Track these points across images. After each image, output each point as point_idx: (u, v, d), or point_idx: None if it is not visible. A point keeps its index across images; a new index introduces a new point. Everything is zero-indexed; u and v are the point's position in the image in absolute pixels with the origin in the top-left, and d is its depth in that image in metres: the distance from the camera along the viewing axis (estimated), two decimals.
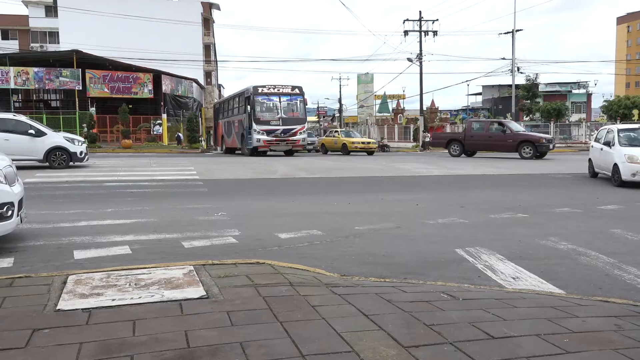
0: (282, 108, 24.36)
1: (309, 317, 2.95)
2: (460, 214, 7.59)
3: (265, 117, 23.92)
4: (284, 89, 24.68)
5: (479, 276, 4.45)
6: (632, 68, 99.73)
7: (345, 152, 28.31)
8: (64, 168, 15.36)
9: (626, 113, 48.67)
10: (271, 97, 24.26)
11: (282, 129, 23.96)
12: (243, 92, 25.53)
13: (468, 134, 24.32)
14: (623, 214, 7.81)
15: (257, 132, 23.56)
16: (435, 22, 38.67)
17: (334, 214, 7.77)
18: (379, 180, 13.23)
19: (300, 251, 5.29)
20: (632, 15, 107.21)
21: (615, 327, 2.90)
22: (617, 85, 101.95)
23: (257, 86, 24.26)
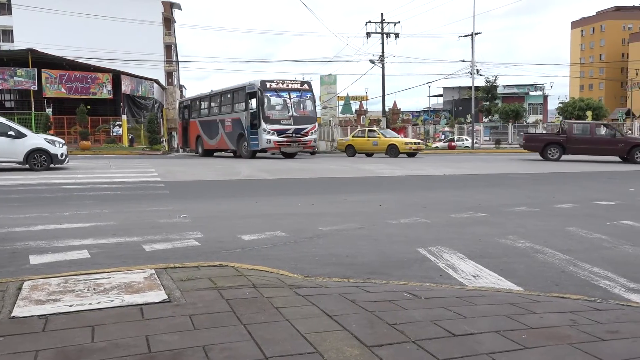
0: (292, 105, 22.18)
1: (273, 318, 2.94)
2: (423, 214, 7.69)
3: (275, 116, 21.75)
4: (293, 84, 22.52)
5: (441, 275, 4.52)
6: (585, 71, 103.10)
7: (393, 155, 25.15)
8: (45, 170, 15.08)
9: (580, 114, 50.32)
10: (281, 93, 22.04)
11: (294, 128, 21.81)
12: (243, 87, 23.01)
13: (571, 136, 22.44)
14: (578, 213, 8.05)
15: (266, 131, 21.28)
16: (397, 24, 39.13)
17: (297, 215, 7.76)
18: (342, 181, 13.30)
19: (263, 253, 5.27)
20: (585, 19, 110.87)
21: (571, 322, 2.99)
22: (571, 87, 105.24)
23: (265, 80, 21.92)
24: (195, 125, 27.72)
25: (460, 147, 40.85)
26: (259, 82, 21.84)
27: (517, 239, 5.97)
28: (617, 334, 2.83)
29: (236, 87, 24.14)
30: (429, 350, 2.52)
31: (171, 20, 61.85)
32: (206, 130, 26.35)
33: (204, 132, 26.60)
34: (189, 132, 28.70)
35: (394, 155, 24.89)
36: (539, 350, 2.55)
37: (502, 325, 2.91)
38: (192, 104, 28.84)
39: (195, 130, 27.74)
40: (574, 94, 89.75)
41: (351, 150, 26.76)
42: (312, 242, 5.81)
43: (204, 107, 27.13)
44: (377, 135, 26.48)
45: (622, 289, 4.18)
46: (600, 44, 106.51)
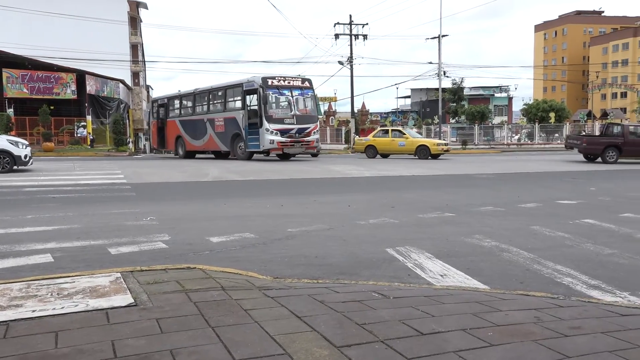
0: (295, 104, 20.97)
1: (242, 321, 2.92)
2: (391, 214, 7.75)
3: (278, 115, 20.54)
4: (294, 82, 21.28)
5: (409, 274, 4.57)
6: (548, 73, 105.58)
7: (423, 156, 23.72)
8: (8, 172, 14.63)
9: (544, 116, 51.45)
10: (283, 90, 20.79)
11: (297, 128, 20.68)
12: (239, 85, 21.71)
13: (628, 139, 21.94)
14: (541, 212, 8.23)
15: (269, 131, 20.02)
16: (365, 26, 39.36)
17: (266, 216, 7.74)
18: (312, 182, 13.31)
19: (232, 255, 5.24)
20: (548, 23, 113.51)
21: (535, 319, 3.06)
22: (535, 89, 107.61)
23: (266, 77, 20.67)
24: (175, 125, 26.16)
25: None
26: (260, 78, 20.59)
27: (483, 238, 6.07)
28: (579, 329, 2.90)
29: (230, 85, 22.80)
30: (397, 349, 2.54)
31: (137, 19, 60.93)
32: (189, 130, 24.86)
33: (186, 133, 25.11)
34: (167, 133, 26.91)
35: (424, 157, 23.61)
36: (504, 347, 2.60)
37: (469, 323, 2.95)
38: (169, 102, 27.16)
39: (174, 130, 26.12)
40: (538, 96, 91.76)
41: (372, 152, 25.16)
42: (282, 243, 5.79)
43: (187, 106, 25.60)
44: (403, 136, 24.94)
45: (584, 285, 4.29)
46: (562, 47, 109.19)
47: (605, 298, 3.94)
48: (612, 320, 3.10)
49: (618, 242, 5.92)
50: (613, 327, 2.93)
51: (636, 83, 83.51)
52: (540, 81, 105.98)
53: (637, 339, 2.75)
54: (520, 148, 40.06)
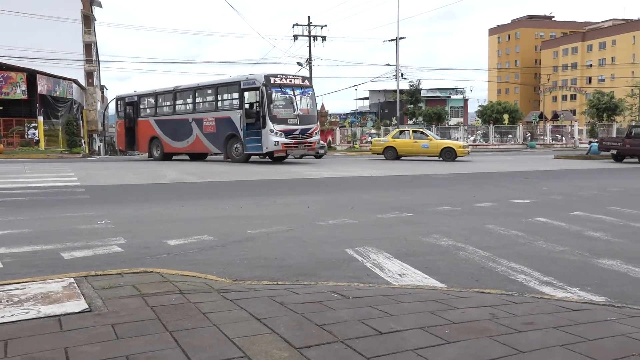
0: (297, 103, 20.07)
1: (200, 324, 2.88)
2: (350, 215, 7.80)
3: (282, 115, 19.56)
4: (295, 80, 20.32)
5: (368, 274, 4.60)
6: (502, 76, 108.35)
7: (448, 158, 23.11)
8: None
9: (498, 117, 52.78)
10: (285, 89, 19.81)
11: (300, 128, 19.76)
12: (236, 82, 20.67)
13: None
14: (495, 211, 8.44)
15: (274, 132, 19.00)
16: (324, 27, 39.56)
17: (225, 218, 7.67)
18: (271, 184, 13.27)
19: (190, 257, 5.17)
20: (502, 27, 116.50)
21: (491, 316, 3.13)
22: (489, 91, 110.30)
23: (269, 75, 19.65)
24: (148, 125, 24.46)
25: None
26: (262, 76, 19.53)
27: (441, 237, 6.18)
28: (532, 325, 2.99)
29: (223, 82, 21.87)
30: (356, 349, 2.56)
31: (91, 18, 59.42)
32: (168, 130, 23.36)
33: (164, 133, 23.55)
34: (138, 133, 25.09)
35: (451, 159, 23.07)
36: (461, 344, 2.65)
37: (427, 321, 3.00)
38: (141, 100, 25.37)
39: (148, 130, 24.42)
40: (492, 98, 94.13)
41: (391, 153, 24.10)
42: (241, 245, 5.75)
43: (166, 104, 24.10)
44: (427, 137, 24.17)
45: (537, 282, 4.42)
46: (515, 50, 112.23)
47: (557, 294, 4.07)
48: (564, 315, 3.20)
49: (569, 240, 6.12)
50: (564, 322, 3.03)
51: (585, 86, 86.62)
52: (495, 83, 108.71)
53: (586, 333, 2.85)
54: (476, 149, 40.96)
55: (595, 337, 2.79)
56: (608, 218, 7.72)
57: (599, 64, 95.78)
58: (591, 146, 29.82)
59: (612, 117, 54.23)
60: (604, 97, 55.51)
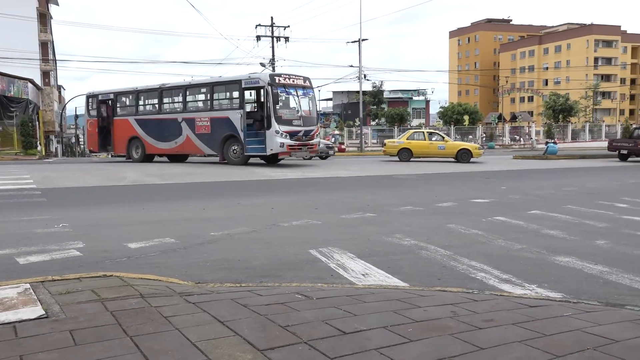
0: (300, 104, 19.38)
1: (162, 328, 2.84)
2: (314, 216, 7.81)
3: (287, 116, 18.80)
4: (297, 80, 19.49)
5: (332, 275, 4.62)
6: (462, 78, 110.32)
7: (464, 160, 22.92)
8: None
9: (459, 118, 53.74)
10: (289, 89, 19.02)
11: (304, 130, 19.10)
12: (236, 81, 19.71)
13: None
14: (457, 210, 8.59)
15: (279, 134, 18.26)
16: (287, 28, 39.50)
17: (188, 220, 7.57)
18: (235, 185, 13.17)
19: (152, 261, 5.08)
20: (462, 30, 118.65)
21: (452, 314, 3.18)
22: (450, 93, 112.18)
23: (273, 74, 19.21)
24: (127, 125, 23.09)
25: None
26: (267, 75, 18.89)
27: (403, 237, 6.25)
28: (492, 322, 3.05)
29: (220, 81, 20.99)
30: (320, 349, 2.56)
31: (47, 16, 57.78)
32: (152, 130, 22.15)
33: (146, 133, 22.31)
34: (114, 133, 23.68)
35: (466, 161, 22.94)
36: (423, 342, 2.69)
37: (390, 320, 3.03)
38: (118, 98, 23.92)
39: (126, 130, 23.08)
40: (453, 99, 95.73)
41: (406, 155, 23.68)
42: (204, 247, 5.69)
43: (149, 103, 22.93)
44: (443, 139, 24.04)
45: (496, 280, 4.52)
46: (475, 53, 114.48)
47: (516, 291, 4.17)
48: (522, 311, 3.28)
49: (527, 238, 6.28)
50: (522, 319, 3.11)
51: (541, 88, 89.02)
52: (455, 85, 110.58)
53: (544, 329, 2.93)
54: None
55: (553, 333, 2.87)
56: (564, 216, 7.95)
57: (555, 66, 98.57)
58: (548, 146, 30.67)
59: (567, 118, 55.91)
60: (560, 99, 57.20)
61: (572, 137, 50.64)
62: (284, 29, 39.42)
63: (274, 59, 38.26)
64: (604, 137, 50.13)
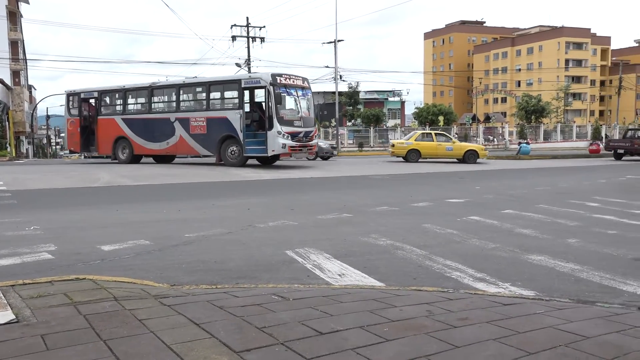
0: (301, 105, 19.20)
1: (136, 331, 2.80)
2: (291, 217, 7.80)
3: (288, 116, 18.60)
4: (296, 80, 19.25)
5: (308, 275, 4.62)
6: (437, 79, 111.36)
7: (471, 161, 23.43)
8: None
9: (434, 119, 54.26)
10: (290, 89, 18.75)
11: (304, 131, 18.98)
12: (235, 81, 19.48)
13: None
14: (432, 210, 8.67)
15: (281, 135, 18.01)
16: (263, 28, 39.39)
17: (162, 221, 7.49)
18: (210, 186, 13.08)
19: (126, 263, 5.01)
20: (436, 31, 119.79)
21: (427, 313, 3.21)
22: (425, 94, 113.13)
23: (275, 74, 18.57)
24: (113, 124, 22.39)
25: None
26: (269, 75, 18.44)
27: (379, 237, 6.28)
28: (466, 320, 3.09)
29: (218, 80, 20.64)
30: (297, 350, 2.56)
31: (17, 14, 56.60)
32: (141, 130, 21.55)
33: (135, 133, 21.70)
34: (99, 133, 22.92)
35: (473, 162, 23.39)
36: (400, 342, 2.70)
37: (366, 320, 3.04)
38: (103, 97, 23.22)
39: (112, 130, 22.38)
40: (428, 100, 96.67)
41: (414, 156, 23.82)
42: (179, 249, 5.64)
43: (139, 102, 22.39)
44: (451, 140, 24.56)
45: (471, 279, 4.57)
46: (449, 54, 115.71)
47: (490, 289, 4.22)
48: (496, 310, 3.32)
49: (500, 237, 6.37)
50: (496, 317, 3.15)
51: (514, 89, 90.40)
52: (430, 86, 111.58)
53: (517, 326, 2.98)
54: None
55: (526, 330, 2.92)
56: (537, 215, 8.08)
57: (527, 68, 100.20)
58: (521, 147, 31.17)
59: (539, 119, 56.89)
60: (532, 100, 58.18)
61: (544, 138, 51.53)
62: (259, 29, 39.33)
63: (249, 59, 38.12)
64: (575, 138, 51.15)
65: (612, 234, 6.71)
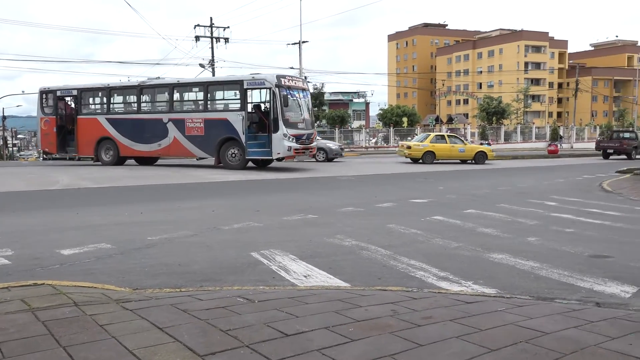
0: (302, 107, 18.91)
1: (97, 337, 2.74)
2: (256, 218, 7.76)
3: (292, 119, 18.23)
4: (298, 82, 18.93)
5: (274, 277, 4.60)
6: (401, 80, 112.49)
7: (480, 162, 24.40)
8: None
9: (398, 120, 54.82)
10: (293, 91, 18.42)
11: (307, 133, 18.71)
12: (238, 82, 18.79)
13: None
14: (396, 211, 8.75)
15: (287, 137, 17.67)
16: (227, 29, 39.09)
17: (124, 224, 7.35)
18: (175, 188, 12.90)
19: (86, 267, 4.90)
20: (400, 33, 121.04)
21: (392, 313, 3.24)
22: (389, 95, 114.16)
23: (280, 76, 18.18)
24: (97, 124, 21.30)
25: None
26: (274, 76, 18.01)
27: (345, 237, 6.30)
28: (430, 319, 3.13)
29: (217, 80, 20.10)
30: (262, 352, 2.55)
31: None
32: (129, 131, 20.62)
33: (122, 134, 20.74)
34: (79, 133, 21.76)
35: (482, 162, 24.37)
36: (365, 342, 2.72)
37: (332, 321, 3.05)
38: (83, 95, 22.14)
39: (95, 130, 21.28)
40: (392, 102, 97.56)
41: (430, 158, 24.36)
42: (141, 252, 5.54)
43: (126, 101, 21.58)
44: (463, 142, 25.62)
45: (434, 278, 4.63)
46: (412, 56, 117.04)
47: (453, 288, 4.29)
48: (459, 308, 3.38)
49: (463, 236, 6.48)
50: (459, 315, 3.20)
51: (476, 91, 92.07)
52: (394, 88, 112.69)
53: (479, 324, 3.03)
54: (377, 150, 42.29)
55: (488, 327, 2.97)
56: (498, 215, 8.26)
57: (488, 70, 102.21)
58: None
59: (500, 120, 58.08)
60: (493, 102, 59.34)
61: (505, 139, 52.62)
62: (223, 29, 39.01)
63: (213, 60, 37.79)
64: (534, 139, 52.42)
65: (570, 232, 6.91)
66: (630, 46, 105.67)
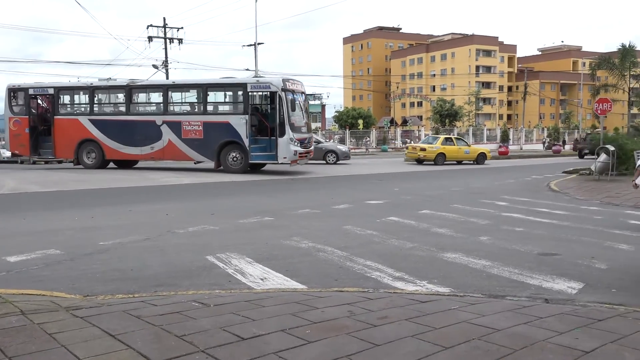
0: (304, 110, 18.64)
1: (46, 346, 2.65)
2: (211, 221, 7.67)
3: (297, 123, 17.89)
4: (299, 85, 18.60)
5: (230, 281, 4.56)
6: (356, 83, 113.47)
7: (481, 162, 26.58)
8: None
9: (353, 122, 55.21)
10: (296, 95, 18.10)
11: (308, 137, 18.50)
12: (241, 85, 18.32)
13: None
14: (352, 212, 8.81)
15: (293, 142, 17.29)
16: (181, 30, 38.58)
17: (74, 229, 7.13)
18: (127, 192, 12.61)
19: (34, 274, 4.73)
20: (355, 36, 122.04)
21: (349, 313, 3.26)
22: (345, 97, 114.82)
23: (285, 79, 17.90)
24: (78, 125, 20.10)
25: None
26: (280, 80, 17.73)
27: (301, 239, 6.31)
28: (386, 319, 3.16)
29: (218, 83, 19.60)
30: (218, 357, 2.52)
31: None
32: (116, 133, 19.63)
33: (108, 136, 19.71)
34: (56, 134, 20.46)
35: (482, 163, 26.43)
36: (321, 343, 2.73)
37: (288, 323, 3.05)
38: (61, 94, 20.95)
39: (76, 131, 20.05)
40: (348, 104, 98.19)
41: (441, 159, 25.77)
42: (92, 258, 5.39)
43: (113, 102, 20.67)
44: (468, 145, 27.64)
45: (390, 278, 4.69)
46: (368, 59, 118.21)
47: (408, 288, 4.35)
48: (414, 307, 3.43)
49: (418, 237, 6.58)
50: (414, 314, 3.25)
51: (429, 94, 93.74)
52: (350, 90, 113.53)
53: (434, 322, 3.09)
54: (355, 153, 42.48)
55: (442, 326, 3.03)
56: (451, 215, 8.43)
57: (441, 73, 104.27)
58: None
59: (453, 122, 59.34)
60: (446, 105, 60.61)
61: None
62: (177, 30, 38.41)
63: (167, 61, 37.16)
64: (486, 140, 53.77)
65: (520, 231, 7.12)
66: (575, 51, 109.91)
